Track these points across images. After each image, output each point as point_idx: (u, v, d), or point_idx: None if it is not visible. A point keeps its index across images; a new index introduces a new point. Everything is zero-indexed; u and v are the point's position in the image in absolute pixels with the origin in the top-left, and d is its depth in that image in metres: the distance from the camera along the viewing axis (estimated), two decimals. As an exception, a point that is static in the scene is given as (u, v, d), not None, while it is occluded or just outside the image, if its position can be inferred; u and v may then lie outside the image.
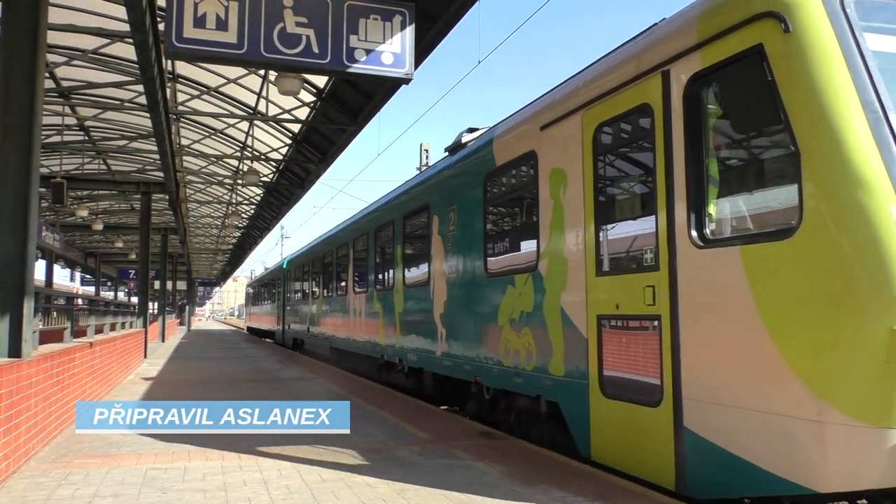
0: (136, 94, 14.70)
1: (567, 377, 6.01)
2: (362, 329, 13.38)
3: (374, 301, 12.50)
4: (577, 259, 5.90)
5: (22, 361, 5.84)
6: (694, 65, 4.67)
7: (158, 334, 29.21)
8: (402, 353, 10.65)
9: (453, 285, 8.65)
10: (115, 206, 29.39)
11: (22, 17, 6.27)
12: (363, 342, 13.25)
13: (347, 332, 14.80)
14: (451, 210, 8.76)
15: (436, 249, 9.25)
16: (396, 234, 11.26)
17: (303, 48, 6.60)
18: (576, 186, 5.96)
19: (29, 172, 6.19)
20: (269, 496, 4.87)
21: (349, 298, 14.82)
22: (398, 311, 10.93)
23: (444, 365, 8.87)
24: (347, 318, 14.83)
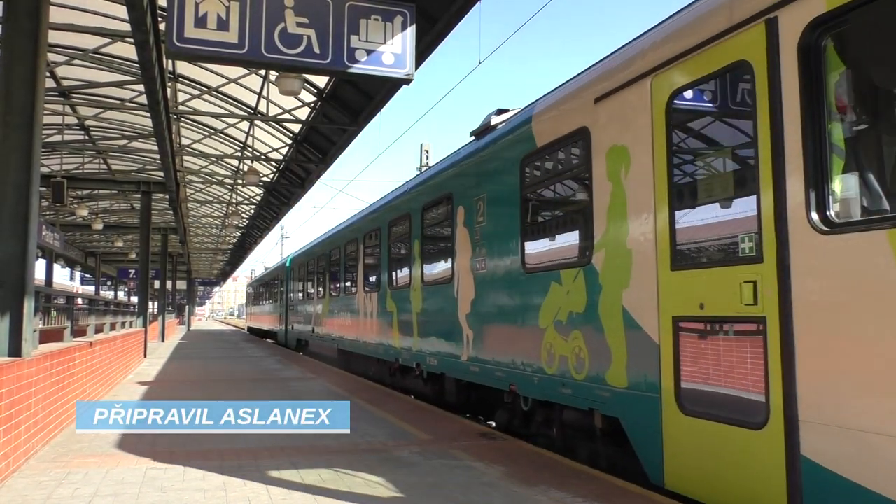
0: (136, 94, 14.71)
1: (631, 389, 5.12)
2: (374, 331, 12.41)
3: (388, 300, 11.50)
4: (645, 250, 5.00)
5: (22, 361, 5.84)
6: (815, 8, 3.84)
7: (158, 334, 29.21)
8: (421, 356, 9.73)
9: (483, 283, 7.75)
10: (116, 205, 29.40)
11: (23, 16, 6.28)
12: (375, 345, 12.30)
13: (357, 334, 13.80)
14: (480, 199, 7.87)
15: (461, 243, 8.38)
16: (413, 228, 10.32)
17: (304, 48, 6.60)
18: (642, 165, 5.07)
19: (29, 171, 6.20)
20: (269, 496, 4.87)
21: (359, 298, 13.78)
22: (416, 311, 10.04)
23: (471, 371, 7.94)
24: (357, 318, 13.79)
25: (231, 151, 19.98)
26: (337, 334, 15.98)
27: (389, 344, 11.34)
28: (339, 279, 16.18)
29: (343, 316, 15.37)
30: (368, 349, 12.90)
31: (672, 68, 4.91)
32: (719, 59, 4.52)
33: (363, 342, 13.26)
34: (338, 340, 15.84)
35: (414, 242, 10.26)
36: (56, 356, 7.19)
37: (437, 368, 9.12)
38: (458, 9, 8.91)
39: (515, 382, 6.93)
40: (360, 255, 13.87)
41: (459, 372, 8.41)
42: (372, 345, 12.56)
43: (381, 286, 12.02)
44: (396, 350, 10.95)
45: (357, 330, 13.84)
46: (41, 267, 31.18)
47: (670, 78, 4.92)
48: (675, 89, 4.88)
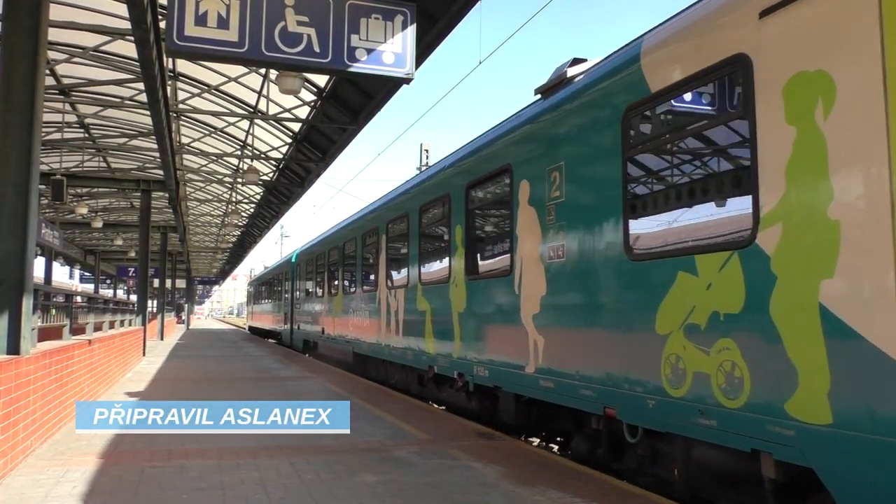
0: (136, 92, 14.72)
1: (839, 428, 3.52)
2: (400, 333, 10.71)
3: (420, 298, 9.85)
4: (868, 222, 3.44)
5: (21, 358, 5.84)
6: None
7: (157, 332, 29.21)
8: (465, 365, 8.10)
9: (560, 275, 6.15)
10: (115, 203, 29.41)
11: (23, 14, 6.27)
12: (401, 349, 10.64)
13: (378, 336, 12.03)
14: (555, 169, 6.29)
15: (524, 226, 6.81)
16: (454, 211, 8.68)
17: (304, 47, 6.61)
18: (861, 97, 3.53)
19: (29, 169, 6.20)
20: (267, 495, 4.86)
21: (381, 295, 11.94)
22: (457, 310, 8.40)
23: (541, 386, 6.37)
24: (378, 319, 12.00)
25: (231, 150, 19.99)
26: (352, 336, 14.24)
27: (421, 349, 9.72)
28: (356, 274, 14.35)
29: (360, 316, 13.56)
30: (392, 354, 11.24)
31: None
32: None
33: (385, 346, 11.60)
34: (353, 343, 14.13)
35: (454, 229, 8.65)
36: (55, 354, 7.19)
37: (488, 380, 7.51)
38: (459, 8, 8.90)
39: (615, 405, 5.32)
40: (381, 246, 12.12)
41: (523, 386, 6.78)
42: (397, 349, 10.92)
43: (410, 282, 10.34)
44: (430, 356, 9.35)
45: (378, 332, 12.09)
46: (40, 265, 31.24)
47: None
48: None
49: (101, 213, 27.73)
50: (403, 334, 10.61)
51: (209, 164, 22.14)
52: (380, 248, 12.19)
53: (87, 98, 16.09)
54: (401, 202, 11.29)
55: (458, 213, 8.61)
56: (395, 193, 12.10)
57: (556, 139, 6.40)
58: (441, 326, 9.01)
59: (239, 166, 21.38)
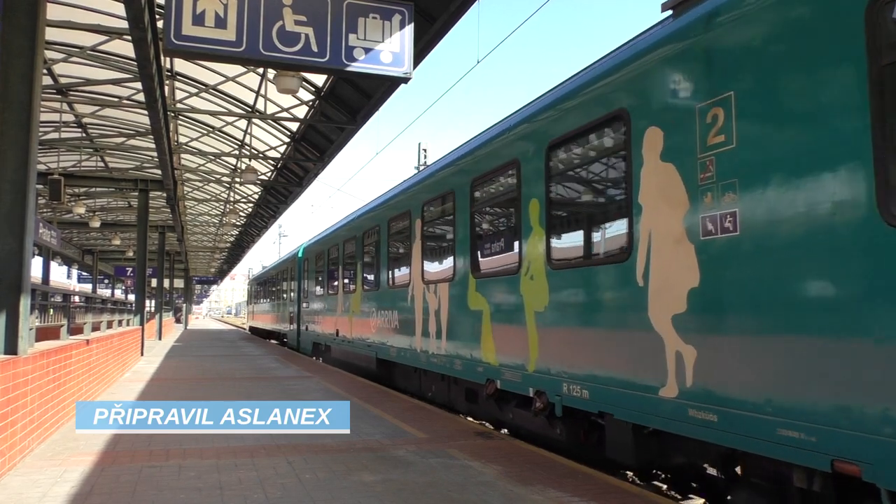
0: (134, 92, 14.73)
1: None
2: (443, 337, 8.90)
3: (473, 294, 8.05)
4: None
5: (18, 358, 5.83)
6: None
7: (155, 332, 29.17)
8: (548, 382, 6.36)
9: (729, 256, 4.38)
10: (113, 203, 29.41)
11: (20, 13, 6.26)
12: (445, 357, 8.85)
13: (411, 341, 10.23)
14: (715, 105, 4.51)
15: (654, 190, 5.07)
16: (525, 181, 6.95)
17: (302, 46, 6.60)
18: None
19: (26, 169, 6.19)
20: (265, 495, 4.86)
21: (415, 291, 10.11)
22: (534, 308, 6.64)
23: (693, 419, 4.57)
24: (411, 319, 10.23)
25: (229, 150, 19.98)
26: (375, 339, 12.24)
27: (475, 357, 7.92)
28: (379, 268, 12.21)
29: (386, 316, 11.60)
30: (431, 362, 9.37)
31: None
32: None
33: (422, 352, 9.74)
34: (377, 348, 12.13)
35: (527, 205, 6.84)
36: (52, 354, 7.18)
37: (588, 404, 5.73)
38: (457, 8, 8.92)
39: (862, 459, 3.50)
40: (415, 233, 10.21)
41: (655, 416, 4.94)
42: (438, 357, 9.09)
43: (458, 274, 8.50)
44: (490, 367, 7.52)
45: (410, 335, 10.28)
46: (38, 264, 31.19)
47: None
48: None
49: (99, 213, 27.69)
50: (448, 339, 8.76)
51: (207, 163, 22.14)
52: (413, 236, 10.30)
53: (85, 97, 16.08)
54: (443, 178, 9.32)
55: (532, 182, 6.80)
56: (434, 168, 10.15)
57: (721, 61, 4.55)
58: (507, 329, 7.18)
59: (237, 166, 21.38)
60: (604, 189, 6.25)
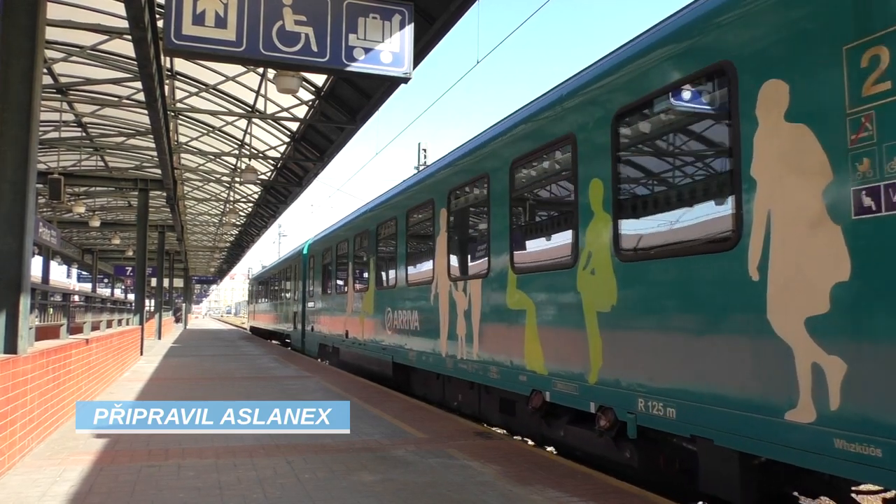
0: (134, 91, 14.73)
1: None
2: (475, 340, 7.91)
3: (513, 292, 7.03)
4: None
5: (18, 357, 5.83)
6: None
7: (155, 332, 29.17)
8: (615, 396, 5.35)
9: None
10: (113, 202, 29.41)
11: (21, 13, 6.27)
12: (477, 363, 7.83)
13: (434, 344, 9.21)
14: (872, 45, 3.59)
15: (774, 160, 4.11)
16: (584, 159, 5.91)
17: (302, 46, 6.60)
18: None
19: (26, 168, 6.20)
20: (265, 494, 4.86)
21: (439, 289, 9.09)
22: (595, 308, 5.61)
23: (844, 453, 3.60)
24: (435, 320, 9.19)
25: (229, 149, 19.98)
26: (392, 342, 11.21)
27: (515, 364, 6.93)
28: (396, 264, 11.16)
29: (404, 316, 10.67)
30: (459, 369, 8.35)
31: None
32: None
33: (448, 357, 8.71)
34: (393, 351, 11.16)
35: (584, 188, 5.82)
36: (52, 353, 7.18)
37: (678, 426, 4.72)
38: (457, 8, 8.92)
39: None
40: (439, 224, 9.22)
41: (782, 447, 3.94)
42: (469, 363, 8.05)
43: (494, 270, 7.52)
44: (536, 376, 6.50)
45: (434, 338, 9.25)
46: (38, 264, 31.18)
47: None
48: None
49: (99, 212, 27.68)
50: (481, 342, 7.80)
51: (207, 163, 22.14)
52: (437, 228, 9.28)
53: (85, 97, 16.08)
54: (474, 161, 8.30)
55: (595, 160, 5.77)
56: (463, 152, 8.88)
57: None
58: (558, 333, 6.23)
59: (237, 165, 21.38)
60: (695, 162, 5.16)
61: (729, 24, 4.48)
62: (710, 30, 4.66)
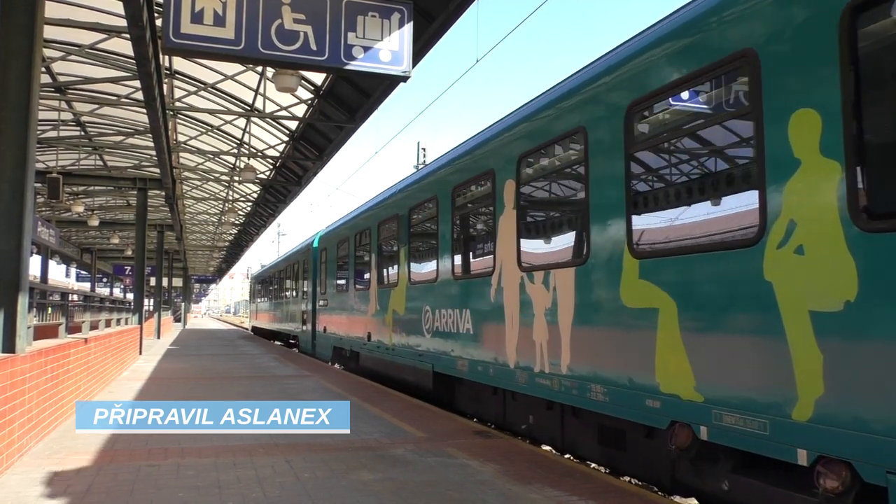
0: (132, 90, 14.72)
1: None
2: (562, 349, 6.14)
3: (634, 285, 5.26)
4: None
5: (16, 357, 5.83)
6: None
7: (154, 331, 29.15)
8: (868, 445, 3.46)
9: None
10: (112, 202, 29.38)
11: (19, 11, 6.25)
12: (566, 379, 6.06)
13: (496, 353, 7.35)
14: None
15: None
16: (780, 83, 4.09)
17: (300, 45, 6.59)
18: None
19: (25, 167, 6.19)
20: (264, 493, 4.86)
21: (504, 282, 7.22)
22: (809, 305, 3.85)
23: None
24: (496, 321, 7.36)
25: (228, 148, 19.97)
26: (432, 348, 9.36)
27: (642, 383, 5.11)
28: (438, 253, 9.26)
29: (449, 317, 8.74)
30: (537, 384, 6.53)
31: None
32: None
33: (521, 369, 6.82)
34: (435, 358, 9.24)
35: (780, 124, 4.07)
36: (51, 353, 7.17)
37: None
38: (456, 6, 8.90)
39: None
40: (504, 200, 7.29)
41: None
42: (555, 378, 6.24)
43: (596, 254, 5.72)
44: (683, 403, 4.70)
45: (497, 343, 7.35)
46: (36, 263, 31.14)
47: None
48: None
49: (98, 212, 27.66)
50: (574, 351, 5.95)
51: (206, 162, 22.13)
52: (499, 204, 7.38)
53: (84, 96, 16.06)
54: (562, 111, 6.41)
55: (807, 80, 3.92)
56: (543, 103, 6.95)
57: None
58: (724, 342, 4.44)
59: (236, 164, 21.37)
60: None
61: None
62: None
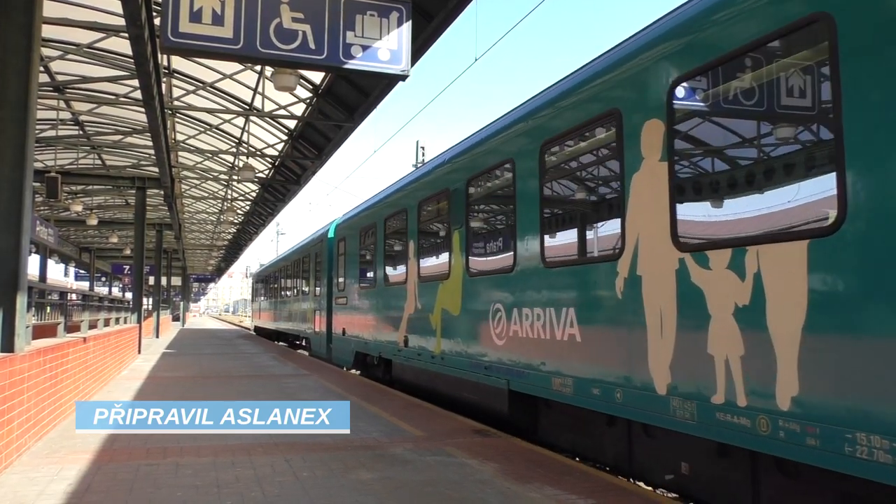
0: (131, 89, 14.69)
1: None
2: (781, 374, 3.87)
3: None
4: None
5: (15, 356, 5.83)
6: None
7: (153, 330, 29.14)
8: None
9: None
10: (110, 201, 29.35)
11: (16, 10, 6.24)
12: (800, 421, 3.74)
13: (632, 371, 5.23)
14: None
15: None
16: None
17: (299, 44, 6.58)
18: None
19: (23, 167, 6.18)
20: (263, 492, 4.86)
21: (644, 271, 5.19)
22: None
23: None
24: (630, 327, 5.29)
25: (226, 147, 19.96)
26: (505, 359, 7.26)
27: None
28: (517, 235, 7.12)
29: (534, 318, 6.70)
30: (722, 423, 4.30)
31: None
32: None
33: (686, 400, 4.65)
34: (511, 372, 7.12)
35: None
36: (49, 352, 7.17)
37: None
38: (455, 5, 8.90)
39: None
40: (634, 156, 5.30)
41: None
42: (749, 415, 4.10)
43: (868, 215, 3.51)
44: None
45: (633, 359, 5.24)
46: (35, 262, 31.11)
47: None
48: None
49: (96, 211, 27.63)
50: (804, 374, 3.78)
51: (204, 161, 22.11)
52: (627, 159, 5.36)
53: (82, 95, 16.04)
54: None
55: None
56: None
57: None
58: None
59: (234, 163, 21.35)
60: None
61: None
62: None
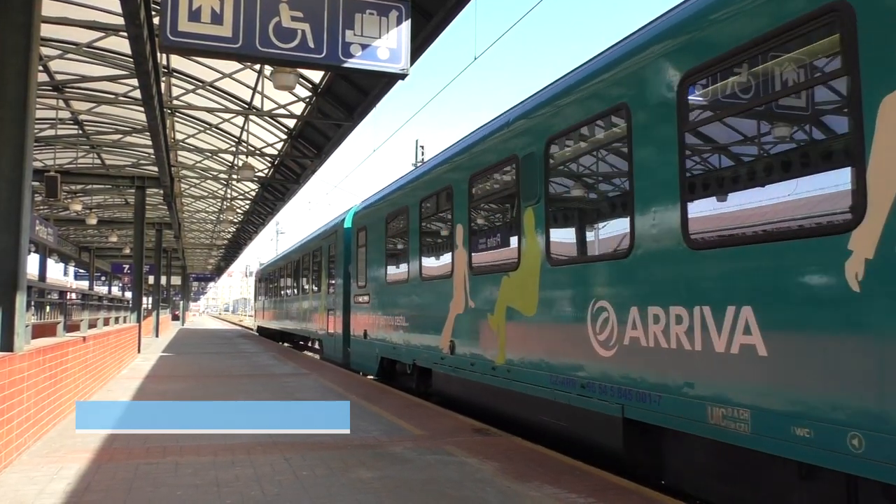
0: (130, 88, 14.69)
1: None
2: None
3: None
4: None
5: (14, 355, 5.83)
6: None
7: (152, 330, 29.14)
8: None
9: None
10: (110, 200, 29.34)
11: (15, 10, 6.24)
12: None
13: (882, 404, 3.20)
14: None
15: None
16: None
17: (298, 43, 6.59)
18: None
19: (22, 166, 6.18)
20: (262, 491, 4.86)
21: None
22: None
23: None
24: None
25: (226, 146, 19.95)
26: (616, 375, 5.42)
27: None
28: (630, 210, 5.28)
29: (673, 322, 4.77)
30: None
31: None
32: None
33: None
34: (628, 395, 5.27)
35: None
36: (49, 351, 7.17)
37: None
38: (454, 4, 8.89)
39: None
40: None
41: None
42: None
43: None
44: None
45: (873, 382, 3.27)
46: (34, 262, 31.10)
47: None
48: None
49: (96, 210, 27.65)
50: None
51: (204, 160, 22.11)
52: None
53: (81, 94, 16.03)
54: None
55: None
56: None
57: None
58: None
59: (234, 163, 21.34)
60: None
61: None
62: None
